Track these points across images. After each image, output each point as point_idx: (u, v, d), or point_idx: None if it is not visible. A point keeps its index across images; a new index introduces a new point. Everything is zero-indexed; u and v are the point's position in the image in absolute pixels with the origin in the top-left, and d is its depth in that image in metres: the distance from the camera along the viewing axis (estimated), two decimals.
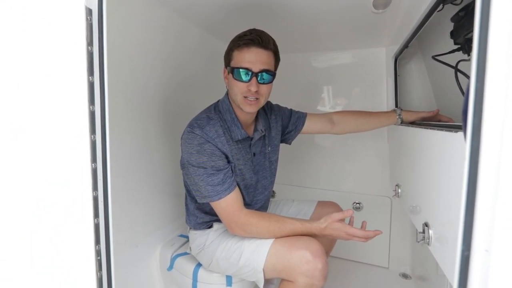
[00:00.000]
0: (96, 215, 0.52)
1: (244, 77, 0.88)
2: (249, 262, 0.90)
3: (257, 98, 0.91)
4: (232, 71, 0.90)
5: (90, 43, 0.52)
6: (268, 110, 1.13)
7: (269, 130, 1.10)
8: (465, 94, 0.40)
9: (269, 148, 1.10)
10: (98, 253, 0.52)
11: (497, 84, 0.28)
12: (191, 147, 0.89)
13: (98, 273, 0.52)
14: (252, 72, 0.87)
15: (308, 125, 1.19)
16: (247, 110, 0.92)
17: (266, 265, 0.88)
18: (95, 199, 0.52)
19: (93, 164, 0.51)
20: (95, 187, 0.52)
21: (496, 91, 0.28)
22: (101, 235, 0.53)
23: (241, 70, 0.88)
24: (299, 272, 0.83)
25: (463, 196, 0.30)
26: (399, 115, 1.16)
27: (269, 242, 0.90)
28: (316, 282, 0.83)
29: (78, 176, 0.52)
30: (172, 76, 1.28)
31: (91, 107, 0.51)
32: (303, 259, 0.82)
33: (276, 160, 1.16)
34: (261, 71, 0.88)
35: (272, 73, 0.92)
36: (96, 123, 0.53)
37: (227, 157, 0.94)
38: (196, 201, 1.03)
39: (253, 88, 0.88)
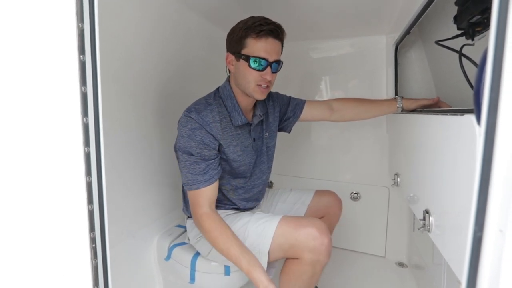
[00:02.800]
0: (90, 201, 0.50)
1: (260, 67, 0.89)
2: (254, 245, 0.90)
3: (267, 86, 0.93)
4: (248, 59, 0.89)
5: (81, 19, 0.49)
6: (266, 97, 1.12)
7: (267, 116, 1.10)
8: (478, 73, 0.38)
9: (267, 134, 1.10)
10: (93, 240, 0.51)
11: None
12: (184, 131, 0.90)
13: (94, 261, 0.51)
14: (268, 62, 0.89)
15: (306, 111, 1.18)
16: (258, 97, 0.94)
17: (272, 246, 0.89)
18: (89, 185, 0.49)
19: (86, 149, 0.49)
20: (88, 173, 0.50)
21: None
22: (96, 222, 0.51)
23: (259, 59, 0.88)
24: (305, 249, 0.84)
25: (477, 174, 0.28)
26: (400, 103, 1.15)
27: (275, 223, 0.90)
28: (321, 258, 0.84)
29: (71, 161, 0.50)
30: (169, 63, 1.24)
31: (83, 88, 0.49)
32: (310, 236, 0.84)
33: (274, 146, 1.16)
34: (274, 61, 0.91)
35: (281, 62, 0.95)
36: (89, 106, 0.50)
37: (220, 145, 0.94)
38: None
39: (269, 77, 0.90)
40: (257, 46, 0.88)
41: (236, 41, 0.92)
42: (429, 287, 1.15)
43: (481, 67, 0.38)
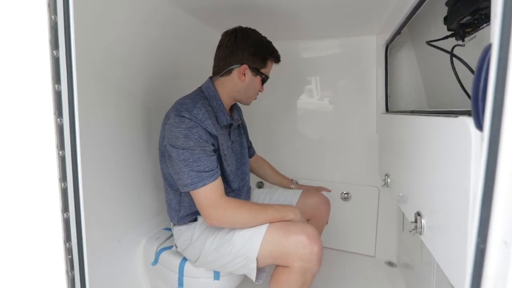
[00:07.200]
0: (65, 209, 0.46)
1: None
2: (242, 252, 0.87)
3: None
4: (263, 77, 1.04)
5: (54, 11, 0.44)
6: (239, 107, 1.22)
7: (243, 123, 1.21)
8: (476, 74, 0.37)
9: (243, 138, 1.17)
10: (69, 251, 0.47)
11: None
12: (179, 131, 0.85)
13: (70, 273, 0.47)
14: None
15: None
16: (249, 103, 1.09)
17: (260, 253, 0.86)
18: (64, 191, 0.45)
19: (60, 152, 0.45)
20: (63, 178, 0.46)
21: None
22: (72, 231, 0.47)
23: (267, 79, 1.06)
24: (295, 257, 0.82)
25: (480, 184, 0.27)
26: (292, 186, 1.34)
27: (263, 230, 0.87)
28: (312, 266, 0.82)
29: (44, 165, 0.46)
30: (155, 62, 1.19)
31: (56, 86, 0.45)
32: (300, 243, 0.82)
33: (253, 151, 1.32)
34: None
35: None
36: (63, 105, 0.46)
37: (216, 140, 0.94)
38: (179, 194, 0.99)
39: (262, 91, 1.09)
40: (270, 68, 1.06)
41: (261, 59, 1.01)
42: (419, 285, 1.16)
43: (479, 68, 0.37)
